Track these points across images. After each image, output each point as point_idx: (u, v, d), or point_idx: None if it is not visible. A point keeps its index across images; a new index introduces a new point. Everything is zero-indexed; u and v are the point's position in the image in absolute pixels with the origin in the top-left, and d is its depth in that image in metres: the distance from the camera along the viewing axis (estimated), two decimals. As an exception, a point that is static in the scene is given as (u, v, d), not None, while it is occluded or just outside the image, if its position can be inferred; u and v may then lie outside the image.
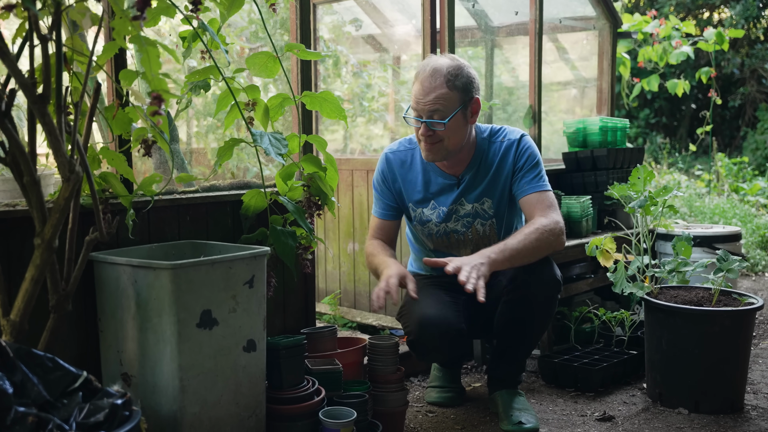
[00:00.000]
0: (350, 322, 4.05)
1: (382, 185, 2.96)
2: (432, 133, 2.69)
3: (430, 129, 2.68)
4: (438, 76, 2.66)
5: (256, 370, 2.30)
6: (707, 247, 4.09)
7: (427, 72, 2.68)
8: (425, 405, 3.05)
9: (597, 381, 3.14)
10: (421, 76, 2.69)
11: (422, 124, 2.68)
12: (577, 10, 4.85)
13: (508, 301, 2.75)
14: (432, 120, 2.67)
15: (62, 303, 1.97)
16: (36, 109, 1.72)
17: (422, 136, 2.71)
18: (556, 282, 2.74)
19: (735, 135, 13.39)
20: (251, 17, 5.30)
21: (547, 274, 2.74)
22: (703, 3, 13.27)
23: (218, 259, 2.16)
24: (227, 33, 5.25)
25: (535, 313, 2.75)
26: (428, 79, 2.67)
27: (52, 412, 1.70)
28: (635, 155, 4.37)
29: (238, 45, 5.27)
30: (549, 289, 2.75)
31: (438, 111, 2.66)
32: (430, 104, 2.66)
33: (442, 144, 2.71)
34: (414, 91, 2.71)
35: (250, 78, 4.00)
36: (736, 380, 2.94)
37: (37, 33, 1.68)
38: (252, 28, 5.40)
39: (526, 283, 2.69)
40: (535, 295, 2.72)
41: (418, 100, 2.68)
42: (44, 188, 2.32)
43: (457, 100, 2.67)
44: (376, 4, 4.80)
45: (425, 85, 2.67)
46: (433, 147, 2.72)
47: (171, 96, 1.80)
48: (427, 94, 2.66)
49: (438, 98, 2.65)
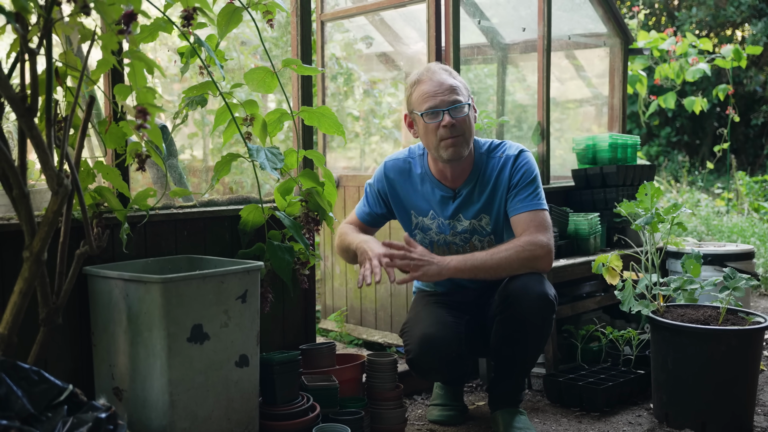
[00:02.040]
0: (356, 339, 4.03)
1: (375, 192, 2.95)
2: (455, 122, 2.66)
3: (453, 117, 2.66)
4: (444, 71, 2.71)
5: (249, 386, 2.29)
6: (718, 265, 4.02)
7: (430, 71, 2.72)
8: (427, 423, 3.01)
9: (602, 400, 3.09)
10: (424, 76, 2.71)
11: (444, 114, 2.65)
12: (587, 27, 4.83)
13: (500, 320, 2.72)
14: (455, 107, 2.66)
15: (52, 316, 1.97)
16: (23, 122, 1.73)
17: (444, 129, 2.66)
18: (548, 302, 2.68)
19: (759, 153, 13.23)
20: (264, 36, 5.35)
21: (538, 294, 2.66)
22: (725, 21, 13.18)
23: (209, 273, 2.16)
24: (241, 51, 5.30)
25: (528, 332, 2.70)
26: (436, 75, 2.69)
27: (36, 426, 1.70)
28: (646, 172, 4.32)
29: (253, 63, 5.31)
30: (541, 309, 2.68)
31: (457, 98, 2.67)
32: (448, 93, 2.66)
33: (463, 137, 2.69)
34: (423, 90, 2.69)
35: (258, 94, 4.03)
36: (744, 401, 2.87)
37: (24, 47, 1.69)
38: (266, 46, 5.45)
39: (517, 302, 2.65)
40: (527, 314, 2.66)
41: (435, 94, 2.67)
42: (40, 202, 2.34)
43: (465, 92, 2.72)
44: (388, 21, 4.81)
45: (436, 79, 2.68)
46: (456, 140, 2.68)
47: (157, 110, 1.80)
48: (442, 85, 2.67)
49: (453, 87, 2.68)
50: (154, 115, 1.76)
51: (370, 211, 2.97)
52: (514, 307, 2.65)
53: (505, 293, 2.67)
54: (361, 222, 2.98)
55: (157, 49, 4.83)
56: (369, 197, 2.97)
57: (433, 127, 2.69)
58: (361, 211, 2.99)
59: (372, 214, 2.96)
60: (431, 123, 2.69)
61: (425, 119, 2.70)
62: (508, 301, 2.66)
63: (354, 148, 5.78)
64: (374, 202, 2.97)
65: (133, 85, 1.79)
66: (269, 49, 5.39)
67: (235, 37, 5.17)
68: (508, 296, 2.66)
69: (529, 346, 2.74)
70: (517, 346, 2.72)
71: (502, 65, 4.75)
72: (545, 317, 2.69)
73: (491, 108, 4.86)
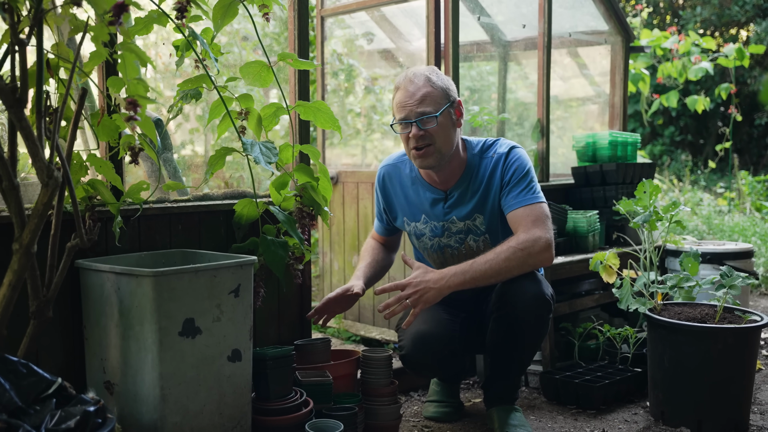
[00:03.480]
0: (354, 336, 4.02)
1: (379, 201, 2.99)
2: (423, 134, 2.63)
3: (421, 129, 2.63)
4: (419, 77, 2.66)
5: (242, 381, 2.28)
6: (717, 264, 4.00)
7: (407, 78, 2.67)
8: (422, 420, 3.00)
9: (598, 398, 3.07)
10: (402, 83, 2.68)
11: (412, 125, 2.63)
12: (589, 24, 4.81)
13: (496, 319, 2.70)
14: (422, 118, 2.63)
15: (42, 309, 1.97)
16: (13, 114, 1.72)
17: (413, 140, 2.65)
18: (543, 300, 2.66)
19: (762, 153, 13.19)
20: (265, 31, 5.33)
21: (534, 293, 2.64)
22: (729, 20, 13.13)
23: (202, 267, 2.15)
24: (243, 46, 5.29)
25: (524, 331, 2.68)
26: (410, 83, 2.65)
27: (23, 419, 1.69)
28: (646, 170, 4.30)
29: (254, 58, 5.29)
30: (536, 307, 2.66)
31: (426, 110, 2.63)
32: (417, 103, 2.63)
33: (434, 147, 2.66)
34: (397, 99, 2.67)
35: (259, 90, 4.02)
36: (740, 400, 2.86)
37: (14, 37, 1.68)
38: (267, 42, 5.43)
39: (513, 301, 2.63)
40: (522, 313, 2.64)
41: (405, 104, 2.65)
42: (33, 195, 2.33)
43: (442, 98, 2.66)
44: (389, 17, 4.78)
45: (409, 88, 2.65)
46: (425, 151, 2.66)
47: (148, 101, 1.79)
48: (413, 95, 2.63)
49: (424, 96, 2.63)
50: (145, 108, 1.75)
51: (380, 222, 3.03)
52: (509, 306, 2.64)
53: (501, 292, 2.66)
54: (378, 235, 3.06)
55: (158, 44, 4.82)
56: (377, 208, 3.02)
57: (404, 137, 2.70)
58: (376, 223, 3.06)
59: (383, 223, 3.02)
60: (402, 134, 2.70)
61: (396, 129, 2.70)
62: (504, 299, 2.64)
63: (355, 145, 5.76)
64: (379, 212, 3.01)
65: (124, 77, 1.78)
66: (270, 45, 5.39)
67: (236, 32, 5.15)
68: (504, 295, 2.65)
69: (525, 346, 2.72)
70: (512, 345, 2.70)
71: (503, 62, 4.73)
72: (541, 316, 2.67)
73: (493, 105, 4.84)
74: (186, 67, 2.53)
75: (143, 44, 4.64)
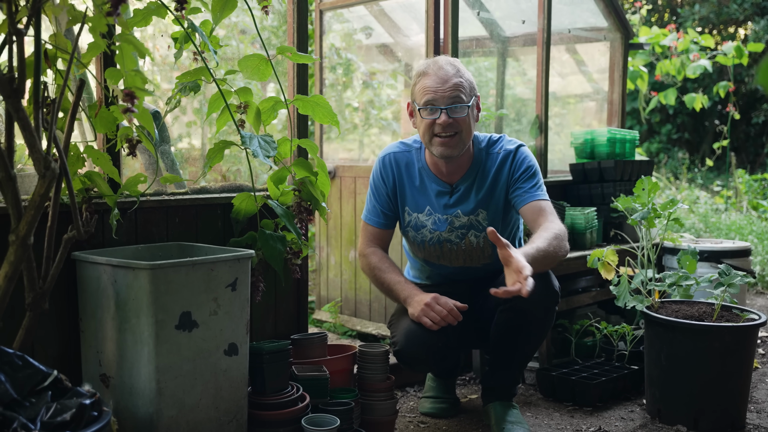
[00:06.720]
0: (350, 331, 4.02)
1: (380, 189, 2.85)
2: (452, 122, 2.62)
3: (450, 117, 2.62)
4: (450, 65, 2.66)
5: (238, 375, 2.27)
6: (715, 262, 4.00)
7: (437, 65, 2.66)
8: (418, 415, 3.00)
9: (595, 395, 3.07)
10: (431, 69, 2.66)
11: (441, 112, 2.62)
12: (588, 21, 4.80)
13: (504, 311, 2.69)
14: (453, 106, 2.62)
15: (38, 301, 1.96)
16: (10, 104, 1.71)
17: (439, 126, 2.63)
18: (554, 293, 2.68)
19: (759, 152, 13.19)
20: (263, 24, 5.31)
21: (546, 284, 2.65)
22: (728, 18, 13.13)
23: (199, 260, 2.14)
24: (241, 39, 5.26)
25: (532, 323, 2.69)
26: (442, 70, 2.64)
27: (19, 411, 1.68)
28: (644, 167, 4.30)
29: (252, 52, 5.27)
30: (547, 299, 2.67)
31: (458, 98, 2.62)
32: (450, 91, 2.61)
33: (459, 137, 2.66)
34: (425, 84, 2.64)
35: (258, 85, 4.00)
36: (737, 398, 2.86)
37: (12, 27, 1.67)
38: (265, 35, 5.41)
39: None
40: (533, 306, 2.64)
41: (436, 90, 2.62)
42: (30, 187, 2.32)
43: (469, 91, 2.67)
44: (388, 11, 4.77)
45: (441, 74, 2.63)
46: (452, 140, 2.65)
47: (145, 93, 1.78)
48: (445, 82, 2.62)
49: (456, 86, 2.63)
50: (142, 99, 1.74)
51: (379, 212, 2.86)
52: (519, 299, 2.62)
53: None
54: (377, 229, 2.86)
55: (157, 37, 4.80)
56: (376, 198, 2.86)
57: (429, 123, 2.66)
58: (371, 219, 2.87)
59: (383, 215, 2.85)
60: (427, 119, 2.66)
61: (422, 114, 2.67)
62: None
63: (353, 139, 5.75)
64: (380, 203, 2.85)
65: (122, 68, 1.77)
66: (268, 38, 5.37)
67: (234, 26, 5.13)
68: None
69: (531, 338, 2.73)
70: (518, 337, 2.70)
71: (502, 58, 4.71)
72: (548, 308, 2.68)
73: (491, 101, 4.83)
74: (183, 60, 2.51)
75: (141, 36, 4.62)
